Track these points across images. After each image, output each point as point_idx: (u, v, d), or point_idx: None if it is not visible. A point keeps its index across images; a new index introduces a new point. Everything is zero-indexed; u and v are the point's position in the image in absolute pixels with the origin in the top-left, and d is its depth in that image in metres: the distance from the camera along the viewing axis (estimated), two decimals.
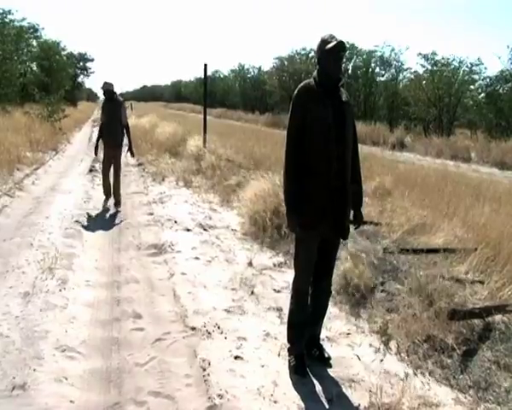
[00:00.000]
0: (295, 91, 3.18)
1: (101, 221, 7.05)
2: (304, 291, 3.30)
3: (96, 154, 8.25)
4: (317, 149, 3.07)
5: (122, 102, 8.11)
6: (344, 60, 3.21)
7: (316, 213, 3.10)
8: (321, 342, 3.49)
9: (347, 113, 3.14)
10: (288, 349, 3.39)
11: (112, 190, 7.98)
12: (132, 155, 8.37)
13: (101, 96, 8.37)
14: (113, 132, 7.78)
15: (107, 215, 7.38)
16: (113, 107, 7.79)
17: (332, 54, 3.05)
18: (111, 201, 7.97)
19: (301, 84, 3.22)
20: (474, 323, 3.61)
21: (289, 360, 3.31)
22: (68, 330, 3.69)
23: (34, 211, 7.27)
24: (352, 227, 3.36)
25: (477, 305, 3.74)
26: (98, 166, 10.42)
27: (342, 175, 3.10)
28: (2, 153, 10.16)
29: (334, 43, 3.03)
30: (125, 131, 7.92)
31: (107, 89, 7.86)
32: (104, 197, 8.01)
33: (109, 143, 7.85)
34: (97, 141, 8.02)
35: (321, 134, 3.05)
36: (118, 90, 7.32)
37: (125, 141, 8.09)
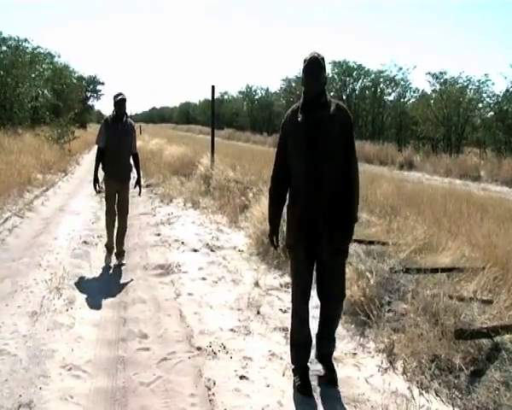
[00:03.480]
0: None
1: None
2: (301, 310, 3.29)
3: (96, 190, 6.17)
4: (296, 169, 3.13)
5: (134, 125, 6.36)
6: (321, 73, 3.07)
7: (296, 232, 3.16)
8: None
9: (325, 129, 3.03)
10: (293, 369, 3.37)
11: (114, 237, 6.24)
12: (140, 190, 6.44)
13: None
14: (122, 163, 6.08)
15: None
16: (125, 130, 6.04)
17: (305, 68, 3.09)
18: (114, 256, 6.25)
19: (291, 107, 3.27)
20: (482, 343, 3.56)
21: (294, 380, 3.30)
22: (74, 349, 3.71)
23: (43, 231, 7.35)
24: (355, 246, 3.37)
25: (485, 324, 3.71)
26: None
27: (324, 194, 3.05)
28: (13, 175, 10.30)
29: (307, 57, 3.08)
30: (132, 161, 6.28)
31: (123, 104, 5.99)
32: (105, 250, 6.33)
33: (116, 175, 6.05)
34: (96, 171, 6.06)
35: (298, 154, 3.10)
36: (128, 112, 6.31)
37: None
